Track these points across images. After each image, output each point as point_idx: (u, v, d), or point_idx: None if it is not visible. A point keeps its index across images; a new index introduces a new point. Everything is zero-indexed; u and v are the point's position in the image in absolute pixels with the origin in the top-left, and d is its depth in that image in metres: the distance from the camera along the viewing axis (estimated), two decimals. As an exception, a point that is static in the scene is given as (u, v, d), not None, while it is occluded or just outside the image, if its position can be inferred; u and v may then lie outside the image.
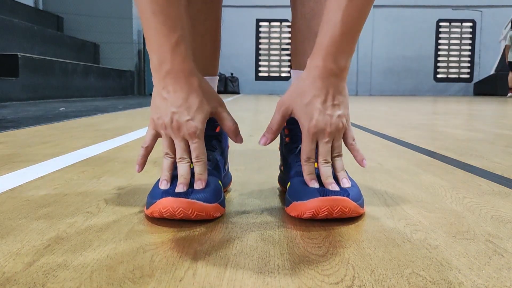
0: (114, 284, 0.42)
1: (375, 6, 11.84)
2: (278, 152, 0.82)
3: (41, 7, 7.92)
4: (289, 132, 0.74)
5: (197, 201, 0.58)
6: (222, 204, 0.64)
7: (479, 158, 1.20)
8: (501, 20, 11.68)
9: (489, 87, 11.09)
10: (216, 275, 0.44)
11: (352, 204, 0.59)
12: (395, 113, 3.41)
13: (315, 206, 0.59)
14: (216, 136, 0.74)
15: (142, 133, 1.78)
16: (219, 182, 0.66)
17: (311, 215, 0.59)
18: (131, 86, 8.58)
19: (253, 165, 1.07)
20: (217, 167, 0.70)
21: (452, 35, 12.51)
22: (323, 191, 0.60)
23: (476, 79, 12.43)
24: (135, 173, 0.95)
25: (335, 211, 0.59)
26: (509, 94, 8.28)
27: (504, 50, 8.63)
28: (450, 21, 12.42)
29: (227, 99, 6.63)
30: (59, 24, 8.03)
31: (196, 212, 0.58)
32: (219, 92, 10.80)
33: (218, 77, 0.83)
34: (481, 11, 12.25)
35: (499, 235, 0.57)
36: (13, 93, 4.52)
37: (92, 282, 0.43)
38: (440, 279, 0.44)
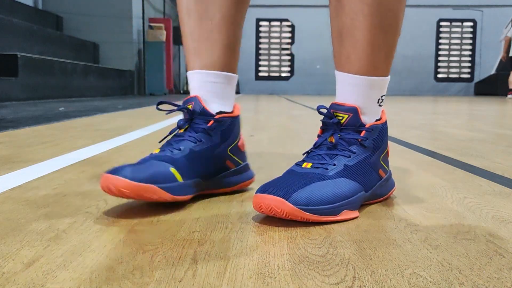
0: (114, 285, 0.42)
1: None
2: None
3: (40, 7, 7.91)
4: None
5: (121, 178, 0.61)
6: (166, 189, 0.64)
7: (479, 158, 1.20)
8: (502, 20, 11.66)
9: (490, 87, 11.08)
10: (216, 276, 0.44)
11: (288, 208, 0.59)
12: (396, 113, 3.40)
13: (254, 202, 0.61)
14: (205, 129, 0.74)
15: (142, 133, 1.78)
16: (172, 169, 0.66)
17: (255, 208, 0.62)
18: (131, 86, 8.57)
19: (253, 165, 1.07)
20: (185, 158, 0.69)
21: (452, 35, 12.51)
22: (264, 188, 0.61)
23: (477, 79, 12.42)
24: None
25: (268, 209, 0.60)
26: (509, 96, 8.20)
27: (504, 45, 8.51)
28: (450, 20, 12.41)
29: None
30: (59, 24, 8.02)
31: (120, 188, 0.60)
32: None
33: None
34: (482, 11, 12.25)
35: (500, 235, 0.57)
36: (12, 93, 4.51)
37: (91, 282, 0.42)
38: (440, 280, 0.44)
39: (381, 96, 0.72)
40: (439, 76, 12.61)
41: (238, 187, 0.79)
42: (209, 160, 0.73)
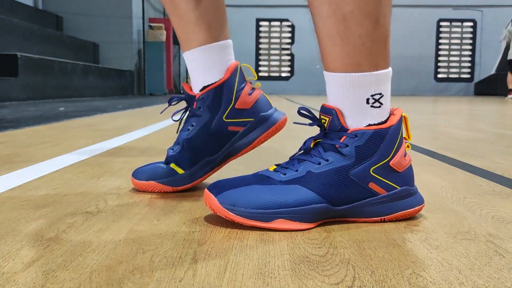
0: (114, 285, 0.42)
1: (375, 6, 11.78)
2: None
3: (40, 7, 7.91)
4: None
5: (133, 178, 0.78)
6: (165, 182, 0.76)
7: (480, 158, 1.20)
8: (502, 20, 11.67)
9: (490, 87, 11.08)
10: (216, 276, 0.44)
11: (215, 205, 0.60)
12: (395, 113, 3.40)
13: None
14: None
15: (142, 133, 1.78)
16: (172, 165, 0.76)
17: None
18: (131, 86, 8.57)
19: (253, 165, 1.07)
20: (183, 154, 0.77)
21: (452, 35, 12.50)
22: (211, 185, 0.62)
23: (477, 79, 12.43)
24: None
25: (207, 205, 0.61)
26: (510, 96, 8.18)
27: (505, 48, 8.51)
28: (450, 20, 12.41)
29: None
30: (59, 24, 8.02)
31: (136, 186, 0.78)
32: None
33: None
34: (482, 11, 12.25)
35: (500, 235, 0.57)
36: (12, 93, 4.51)
37: (91, 282, 0.42)
38: (440, 280, 0.44)
39: (372, 95, 0.61)
40: (439, 76, 12.61)
41: (250, 147, 0.79)
42: (208, 138, 0.76)
